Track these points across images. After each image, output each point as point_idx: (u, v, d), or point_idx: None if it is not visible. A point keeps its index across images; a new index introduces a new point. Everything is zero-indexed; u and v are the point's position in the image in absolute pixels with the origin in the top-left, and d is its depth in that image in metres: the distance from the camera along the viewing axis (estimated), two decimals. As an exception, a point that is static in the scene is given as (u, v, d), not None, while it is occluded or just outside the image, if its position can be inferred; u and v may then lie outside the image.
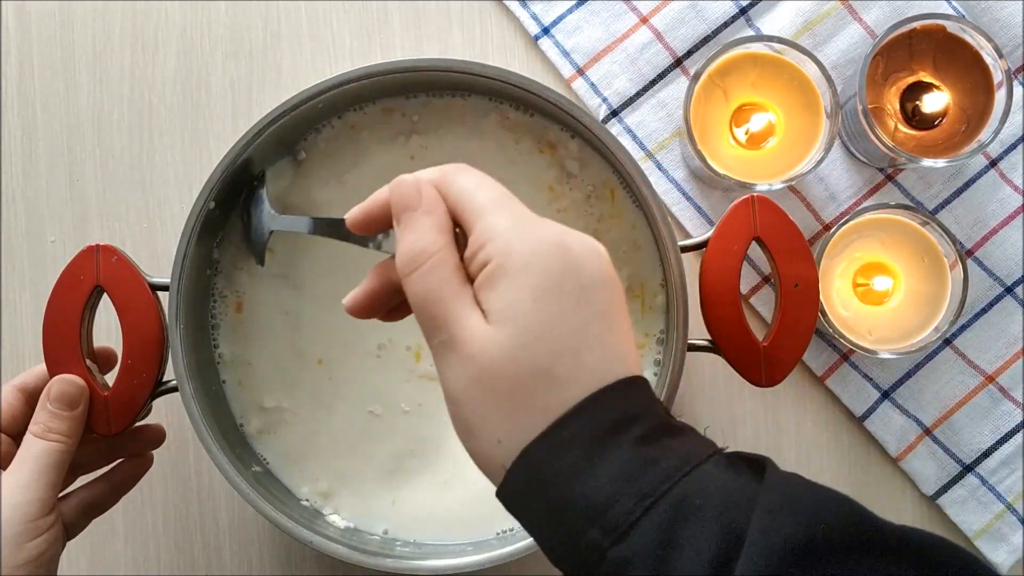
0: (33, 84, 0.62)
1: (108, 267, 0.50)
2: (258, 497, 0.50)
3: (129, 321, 0.50)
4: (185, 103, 0.62)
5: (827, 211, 0.61)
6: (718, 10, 0.61)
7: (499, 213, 0.33)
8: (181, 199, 0.62)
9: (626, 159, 0.51)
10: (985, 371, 0.61)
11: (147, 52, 0.62)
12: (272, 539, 0.61)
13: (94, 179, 0.62)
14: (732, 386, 0.61)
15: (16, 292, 0.62)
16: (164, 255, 0.61)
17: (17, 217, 0.62)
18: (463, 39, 0.62)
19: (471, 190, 0.34)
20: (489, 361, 0.31)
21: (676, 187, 0.62)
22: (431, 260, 0.33)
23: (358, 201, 0.38)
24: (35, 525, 0.45)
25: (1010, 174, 0.61)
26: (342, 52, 0.62)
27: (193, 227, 0.51)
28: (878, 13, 0.61)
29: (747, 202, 0.50)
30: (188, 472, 0.61)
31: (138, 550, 0.61)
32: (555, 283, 0.31)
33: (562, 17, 0.62)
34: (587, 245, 0.33)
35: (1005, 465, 0.61)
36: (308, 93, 0.51)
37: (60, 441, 0.47)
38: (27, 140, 0.62)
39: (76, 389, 0.48)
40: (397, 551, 0.53)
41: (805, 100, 0.57)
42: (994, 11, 0.61)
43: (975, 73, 0.56)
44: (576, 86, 0.62)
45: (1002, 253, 0.61)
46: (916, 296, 0.58)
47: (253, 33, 0.62)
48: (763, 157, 0.58)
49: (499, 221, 0.32)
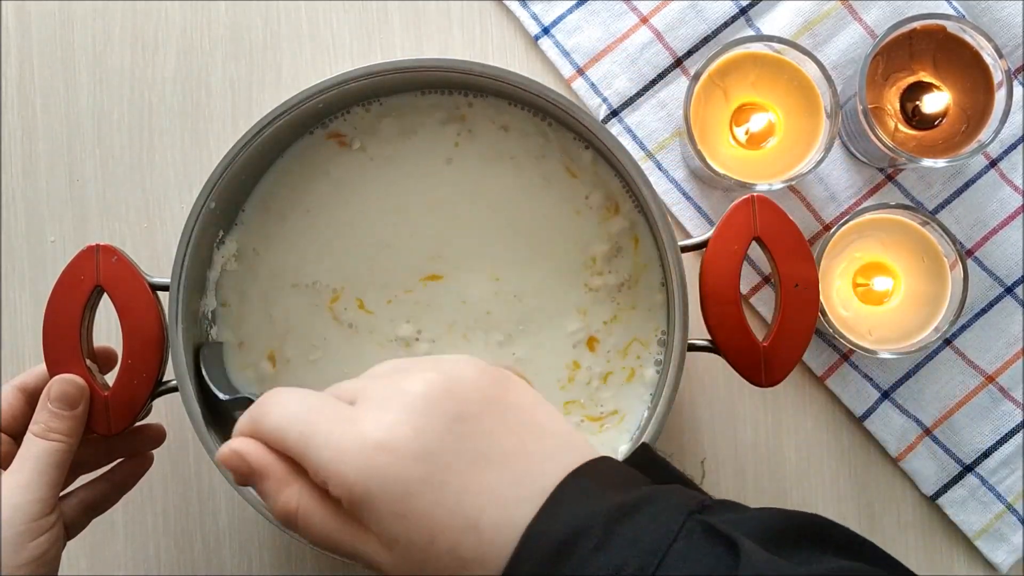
0: (33, 84, 0.62)
1: (108, 267, 0.50)
2: (258, 497, 0.50)
3: (129, 321, 0.50)
4: (185, 103, 0.62)
5: (827, 211, 0.61)
6: (718, 10, 0.61)
7: (316, 448, 0.31)
8: (181, 199, 0.62)
9: (626, 159, 0.51)
10: (985, 371, 0.61)
11: (147, 52, 0.62)
12: (272, 539, 0.61)
13: (94, 179, 0.62)
14: (732, 386, 0.61)
15: (16, 292, 0.62)
16: (164, 255, 0.61)
17: (17, 217, 0.62)
18: (463, 39, 0.62)
19: (282, 428, 0.32)
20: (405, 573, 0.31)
21: (676, 187, 0.62)
22: (299, 522, 0.32)
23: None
24: (36, 525, 0.45)
25: (1010, 174, 0.61)
26: (342, 52, 0.62)
27: (193, 227, 0.51)
28: (878, 13, 0.61)
29: (747, 202, 0.50)
30: (188, 472, 0.61)
31: (138, 550, 0.61)
32: (402, 489, 0.30)
33: (562, 17, 0.62)
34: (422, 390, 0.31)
35: (1005, 465, 0.61)
36: (308, 93, 0.51)
37: (60, 441, 0.47)
38: (27, 140, 0.62)
39: (76, 389, 0.48)
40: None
41: (805, 100, 0.57)
42: (994, 11, 0.61)
43: (975, 73, 0.56)
44: (576, 86, 0.62)
45: (1002, 253, 0.61)
46: (916, 296, 0.58)
47: (253, 33, 0.62)
48: (763, 157, 0.58)
49: (321, 456, 0.31)
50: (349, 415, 0.32)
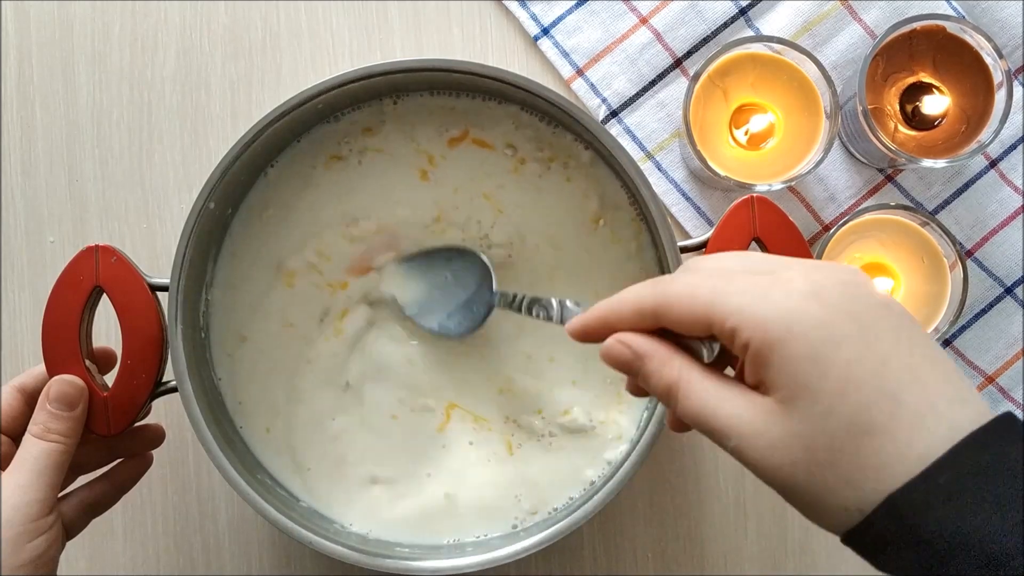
0: (32, 84, 0.62)
1: (108, 267, 0.50)
2: (258, 497, 0.50)
3: (128, 321, 0.50)
4: (185, 103, 0.62)
5: (827, 211, 0.61)
6: (718, 10, 0.61)
7: (728, 295, 0.30)
8: (181, 199, 0.62)
9: (626, 160, 0.51)
10: (985, 371, 0.61)
11: (147, 52, 0.62)
12: (272, 539, 0.61)
13: (94, 179, 0.62)
14: (732, 386, 0.61)
15: (16, 292, 0.62)
16: (164, 255, 0.61)
17: (17, 217, 0.62)
18: (463, 39, 0.62)
19: (693, 285, 0.32)
20: (794, 443, 0.29)
21: (676, 188, 0.62)
22: (679, 392, 0.32)
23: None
24: (35, 526, 0.45)
25: (1010, 175, 0.61)
26: (342, 52, 0.62)
27: (193, 227, 0.51)
28: (878, 13, 0.61)
29: (747, 203, 0.50)
30: (188, 473, 0.61)
31: (137, 550, 0.61)
32: (826, 334, 0.29)
33: (562, 17, 0.62)
34: (838, 277, 0.30)
35: (1005, 465, 0.61)
36: (308, 93, 0.51)
37: (59, 442, 0.47)
38: (27, 140, 0.62)
39: (75, 390, 0.48)
40: (396, 551, 0.53)
41: (805, 101, 0.57)
42: (994, 11, 0.61)
43: (975, 73, 0.56)
44: (576, 87, 0.62)
45: (1002, 254, 0.61)
46: (916, 296, 0.58)
47: (253, 33, 0.62)
48: (763, 158, 0.58)
49: (731, 301, 0.30)
50: (766, 278, 0.31)
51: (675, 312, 0.31)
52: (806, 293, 0.29)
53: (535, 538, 0.50)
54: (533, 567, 0.60)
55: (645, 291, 0.33)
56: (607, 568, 0.61)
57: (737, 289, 0.30)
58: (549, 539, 0.50)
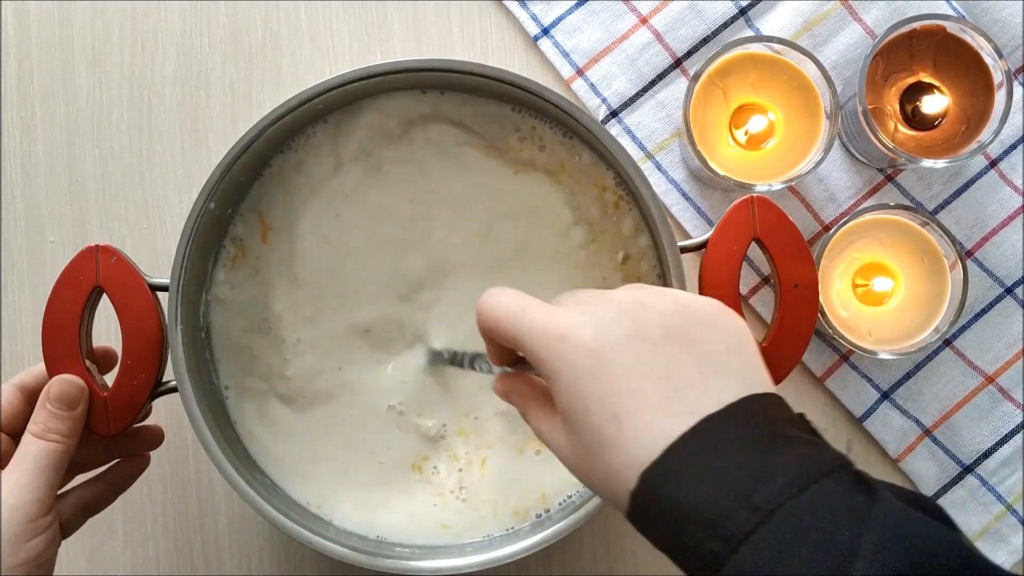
0: (32, 84, 0.62)
1: (108, 267, 0.50)
2: (257, 497, 0.50)
3: (128, 322, 0.50)
4: (185, 103, 0.62)
5: (827, 212, 0.61)
6: (718, 10, 0.61)
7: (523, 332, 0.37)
8: (181, 199, 0.62)
9: (626, 160, 0.51)
10: (985, 372, 0.61)
11: (146, 52, 0.62)
12: (272, 539, 0.61)
13: (94, 179, 0.62)
14: (732, 386, 0.61)
15: (16, 292, 0.62)
16: (164, 255, 0.61)
17: (17, 217, 0.62)
18: (463, 39, 0.62)
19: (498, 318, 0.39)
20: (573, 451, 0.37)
21: (676, 188, 0.62)
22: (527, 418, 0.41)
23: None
24: (33, 526, 0.45)
25: (1010, 175, 0.61)
26: (342, 52, 0.62)
27: (193, 227, 0.51)
28: (878, 13, 0.61)
29: (747, 203, 0.50)
30: (188, 472, 0.61)
31: (137, 550, 0.61)
32: (573, 372, 0.36)
33: (562, 18, 0.62)
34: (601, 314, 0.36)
35: (1005, 466, 0.61)
36: (308, 93, 0.51)
37: (59, 441, 0.47)
38: (27, 140, 0.62)
39: (75, 389, 0.48)
40: (396, 551, 0.53)
41: (805, 101, 0.57)
42: (994, 11, 0.61)
43: (975, 73, 0.56)
44: (576, 87, 0.62)
45: (1002, 254, 0.61)
46: (916, 297, 0.58)
47: (253, 33, 0.62)
48: (763, 158, 0.58)
49: (526, 339, 0.37)
50: (552, 309, 0.38)
51: (494, 334, 0.39)
52: (561, 334, 0.36)
53: (535, 538, 0.50)
54: (533, 567, 0.60)
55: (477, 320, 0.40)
56: (607, 568, 0.60)
57: (526, 326, 0.37)
58: (549, 539, 0.50)
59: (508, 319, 0.38)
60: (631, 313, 0.36)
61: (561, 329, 0.36)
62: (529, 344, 0.37)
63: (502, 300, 0.39)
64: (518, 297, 0.39)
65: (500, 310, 0.38)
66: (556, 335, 0.36)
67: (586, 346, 0.35)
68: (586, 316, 0.36)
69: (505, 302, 0.39)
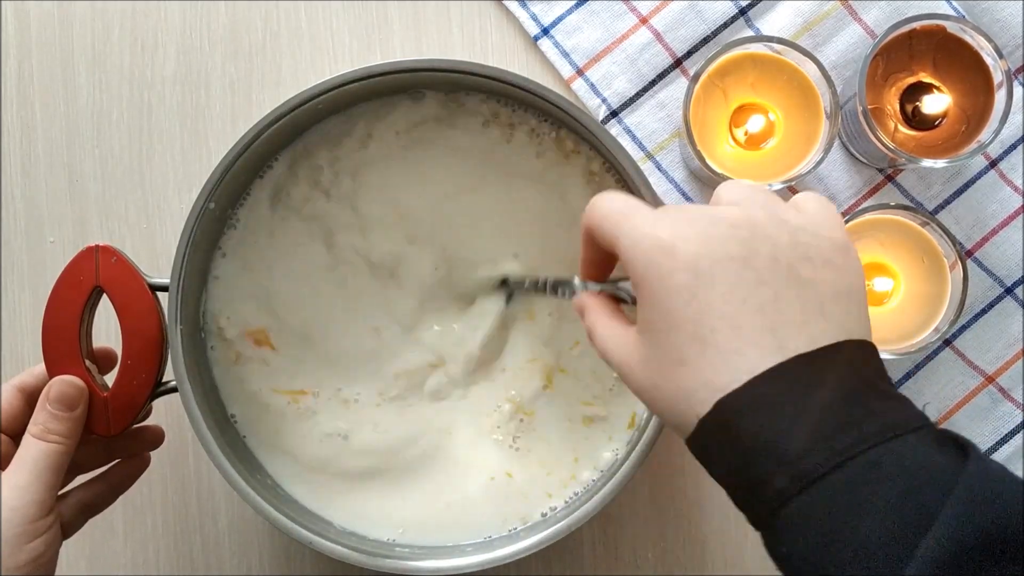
0: (32, 84, 0.62)
1: (108, 267, 0.50)
2: (258, 497, 0.50)
3: (129, 322, 0.50)
4: (185, 103, 0.62)
5: (827, 211, 0.61)
6: (718, 10, 0.61)
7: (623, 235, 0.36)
8: (181, 199, 0.62)
9: (626, 160, 0.51)
10: (985, 372, 0.61)
11: (147, 52, 0.62)
12: (272, 539, 0.61)
13: (94, 179, 0.62)
14: (732, 386, 0.61)
15: (16, 292, 0.62)
16: (164, 255, 0.61)
17: (17, 217, 0.62)
18: (463, 39, 0.62)
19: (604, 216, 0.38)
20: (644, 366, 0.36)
21: (676, 188, 0.62)
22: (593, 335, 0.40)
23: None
24: (34, 527, 0.45)
25: (1010, 174, 0.61)
26: (342, 52, 0.62)
27: (193, 227, 0.51)
28: (878, 13, 0.61)
29: (747, 203, 0.50)
30: (188, 472, 0.61)
31: (137, 550, 0.61)
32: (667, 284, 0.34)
33: (562, 17, 0.62)
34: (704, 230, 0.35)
35: (1005, 465, 0.61)
36: (308, 93, 0.51)
37: (59, 442, 0.47)
38: (27, 140, 0.62)
39: (75, 390, 0.48)
40: (397, 551, 0.53)
41: (805, 101, 0.57)
42: (994, 11, 0.61)
43: (975, 73, 0.56)
44: (576, 87, 0.62)
45: (1002, 254, 0.61)
46: (916, 297, 0.58)
47: (253, 33, 0.62)
48: (762, 158, 0.58)
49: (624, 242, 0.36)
50: (656, 217, 0.36)
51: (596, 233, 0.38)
52: (663, 246, 0.35)
53: (535, 538, 0.50)
54: (533, 567, 0.60)
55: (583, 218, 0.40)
56: (607, 568, 0.61)
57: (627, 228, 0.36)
58: (549, 539, 0.50)
59: (612, 217, 0.37)
60: (740, 234, 0.35)
61: (663, 238, 0.35)
62: (626, 246, 0.36)
63: (612, 200, 0.38)
64: (628, 199, 0.38)
65: (607, 208, 0.37)
66: (656, 243, 0.35)
67: (686, 261, 0.34)
68: (692, 229, 0.35)
69: (614, 203, 0.37)
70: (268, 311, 0.55)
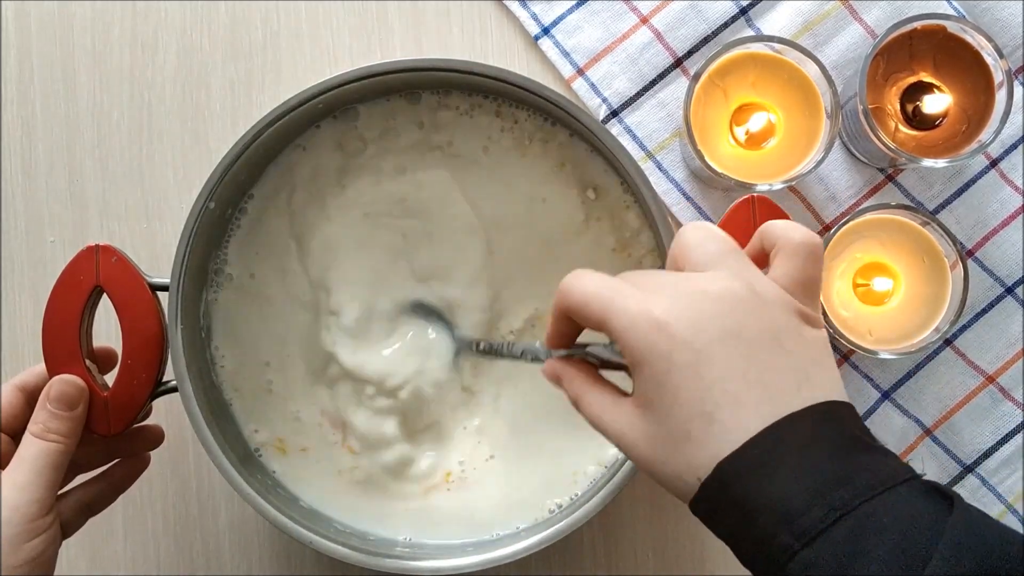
0: (33, 84, 0.62)
1: (108, 267, 0.50)
2: (258, 497, 0.50)
3: (129, 321, 0.50)
4: (185, 103, 0.62)
5: (827, 211, 0.61)
6: (718, 10, 0.61)
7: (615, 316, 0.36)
8: (181, 199, 0.62)
9: (626, 159, 0.51)
10: (985, 371, 0.61)
11: (147, 52, 0.62)
12: (272, 539, 0.61)
13: (94, 179, 0.62)
14: (732, 386, 0.61)
15: (16, 292, 0.62)
16: (164, 255, 0.61)
17: (17, 217, 0.62)
18: (463, 39, 0.62)
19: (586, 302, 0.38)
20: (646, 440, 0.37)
21: (676, 187, 0.62)
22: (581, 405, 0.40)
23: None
24: (34, 526, 0.45)
25: (1010, 174, 0.61)
26: (342, 52, 0.62)
27: (193, 227, 0.51)
28: (878, 13, 0.61)
29: (747, 202, 0.50)
30: (188, 472, 0.61)
31: (138, 550, 0.61)
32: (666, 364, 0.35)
33: (562, 17, 0.62)
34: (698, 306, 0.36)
35: (1006, 465, 0.61)
36: (308, 93, 0.51)
37: (59, 442, 0.47)
38: (27, 140, 0.62)
39: (76, 390, 0.48)
40: (397, 551, 0.53)
41: (805, 100, 0.57)
42: (995, 11, 0.60)
43: (975, 73, 0.56)
44: (576, 86, 0.62)
45: (1002, 253, 0.61)
46: (916, 296, 0.58)
47: (253, 33, 0.62)
48: (763, 157, 0.58)
49: (618, 323, 0.36)
50: (643, 295, 0.37)
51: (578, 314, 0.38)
52: (659, 324, 0.35)
53: (535, 538, 0.50)
54: (533, 567, 0.60)
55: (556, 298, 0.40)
56: (607, 568, 0.60)
57: (619, 307, 0.36)
58: (549, 539, 0.50)
59: (598, 299, 0.37)
60: (727, 308, 0.36)
61: (658, 318, 0.35)
62: (619, 326, 0.36)
63: (591, 281, 0.38)
64: (606, 278, 0.38)
65: (589, 290, 0.38)
66: (651, 323, 0.35)
67: (683, 340, 0.35)
68: (681, 306, 0.36)
69: (594, 283, 0.38)
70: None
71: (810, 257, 0.39)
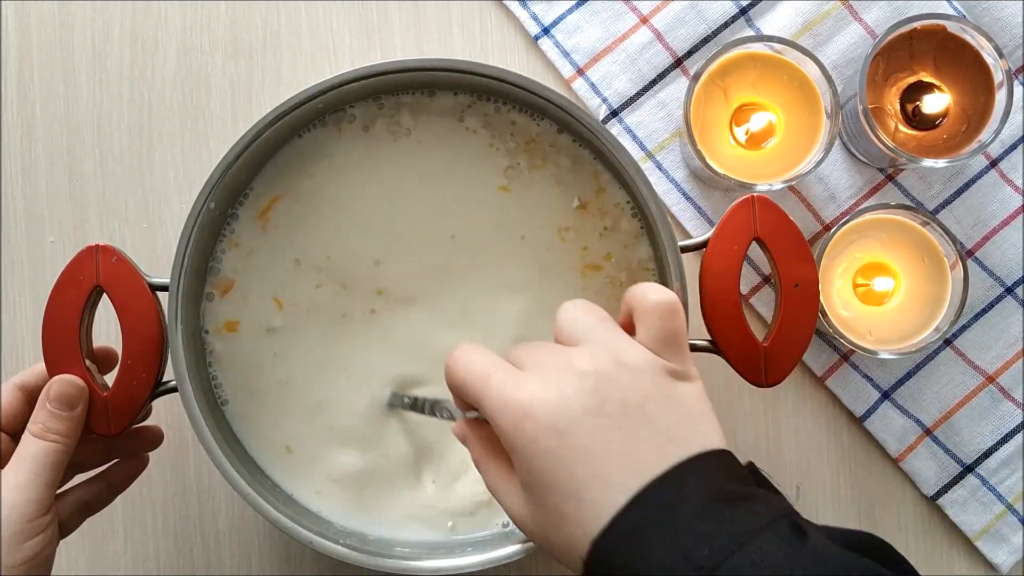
0: (33, 84, 0.62)
1: (108, 267, 0.50)
2: (258, 497, 0.50)
3: (129, 321, 0.50)
4: (185, 103, 0.62)
5: (827, 211, 0.61)
6: (718, 10, 0.61)
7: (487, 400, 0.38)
8: (181, 199, 0.62)
9: (626, 159, 0.51)
10: (985, 371, 0.61)
11: (147, 52, 0.62)
12: (272, 539, 0.61)
13: (94, 179, 0.62)
14: (732, 386, 0.61)
15: (16, 292, 0.62)
16: (164, 255, 0.61)
17: (17, 217, 0.62)
18: (463, 39, 0.62)
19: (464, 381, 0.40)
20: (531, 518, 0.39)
21: (676, 187, 0.62)
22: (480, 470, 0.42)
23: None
24: (32, 525, 0.45)
25: (1010, 174, 0.61)
26: (342, 52, 0.62)
27: (193, 227, 0.51)
28: (878, 13, 0.61)
29: (747, 202, 0.50)
30: (188, 472, 0.61)
31: (138, 550, 0.61)
32: (534, 449, 0.37)
33: (562, 17, 0.62)
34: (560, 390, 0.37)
35: (1006, 465, 0.61)
36: (308, 93, 0.51)
37: (58, 441, 0.47)
38: (27, 140, 0.62)
39: (75, 390, 0.48)
40: (397, 551, 0.52)
41: (805, 100, 0.57)
42: (995, 11, 0.61)
43: (976, 73, 0.56)
44: (576, 86, 0.62)
45: (1002, 253, 0.61)
46: (916, 296, 0.58)
47: (253, 33, 0.62)
48: (763, 157, 0.58)
49: (489, 407, 0.38)
50: (514, 377, 0.39)
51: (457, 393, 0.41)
52: (526, 411, 0.37)
53: (535, 538, 0.50)
54: (533, 567, 0.60)
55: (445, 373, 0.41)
56: (607, 568, 0.60)
57: (493, 393, 0.38)
58: (549, 539, 0.50)
59: (473, 383, 0.39)
60: (590, 385, 0.37)
61: (523, 405, 0.37)
62: (491, 414, 0.38)
63: (469, 360, 0.40)
64: (484, 359, 0.40)
65: (467, 372, 0.40)
66: (518, 409, 0.37)
67: (547, 425, 0.37)
68: (546, 390, 0.37)
69: (472, 365, 0.40)
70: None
71: (667, 314, 0.40)
